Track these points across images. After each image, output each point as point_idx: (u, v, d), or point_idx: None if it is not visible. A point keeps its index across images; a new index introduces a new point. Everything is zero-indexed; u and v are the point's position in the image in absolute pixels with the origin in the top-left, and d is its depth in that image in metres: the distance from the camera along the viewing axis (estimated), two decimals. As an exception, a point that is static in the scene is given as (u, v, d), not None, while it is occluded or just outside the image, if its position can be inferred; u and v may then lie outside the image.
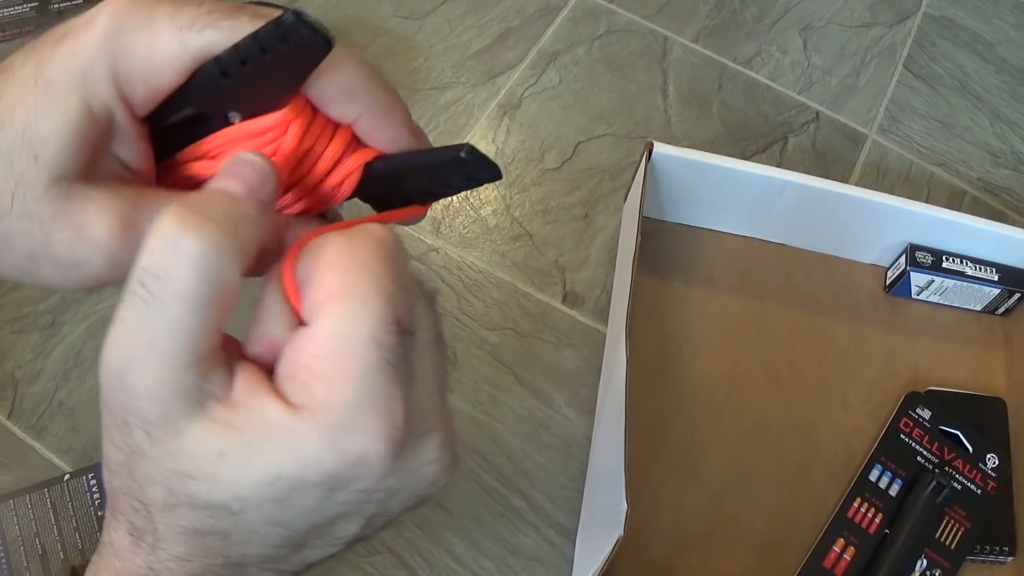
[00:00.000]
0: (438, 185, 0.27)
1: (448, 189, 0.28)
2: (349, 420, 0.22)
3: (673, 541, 0.58)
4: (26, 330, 0.61)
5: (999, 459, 0.62)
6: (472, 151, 0.25)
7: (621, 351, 0.52)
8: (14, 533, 0.54)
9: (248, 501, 0.22)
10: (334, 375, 0.22)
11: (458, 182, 0.27)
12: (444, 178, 0.27)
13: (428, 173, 0.27)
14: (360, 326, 0.22)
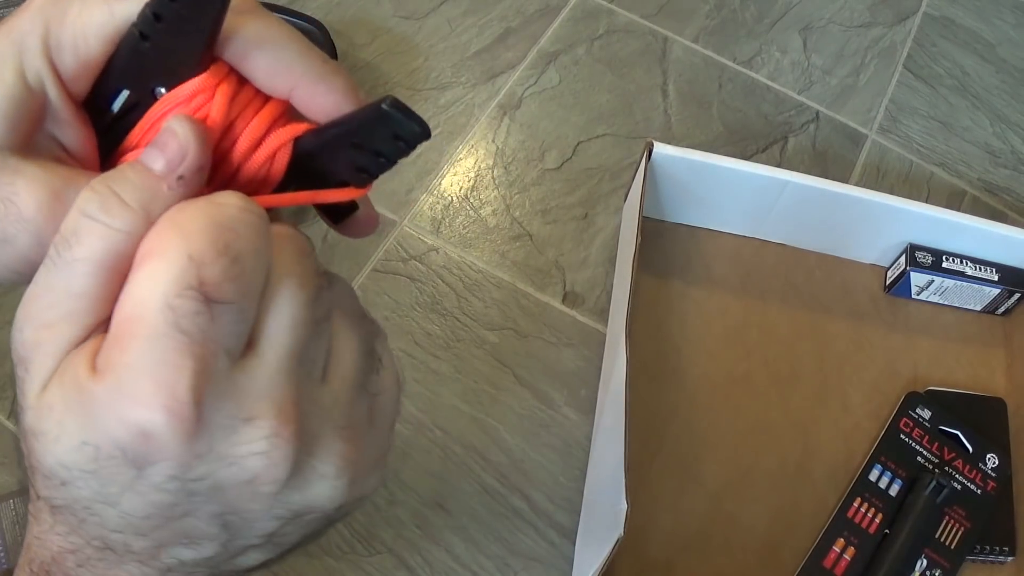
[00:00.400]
0: (368, 154, 0.26)
1: (379, 159, 0.26)
2: (129, 386, 0.21)
3: (673, 541, 0.58)
4: (26, 330, 0.61)
5: (999, 459, 0.62)
6: (395, 102, 0.24)
7: (621, 351, 0.52)
8: (14, 533, 0.54)
9: (71, 470, 0.22)
10: (124, 337, 0.21)
11: (386, 146, 0.25)
12: (372, 142, 0.25)
13: (355, 137, 0.25)
14: (155, 287, 0.21)
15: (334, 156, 0.26)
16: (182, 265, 0.21)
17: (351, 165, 0.26)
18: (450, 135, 0.73)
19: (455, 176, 0.71)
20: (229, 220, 0.22)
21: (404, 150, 0.25)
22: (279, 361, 0.23)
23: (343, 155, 0.26)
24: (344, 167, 0.26)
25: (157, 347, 0.21)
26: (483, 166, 0.72)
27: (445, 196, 0.70)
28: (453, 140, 0.73)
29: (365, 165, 0.26)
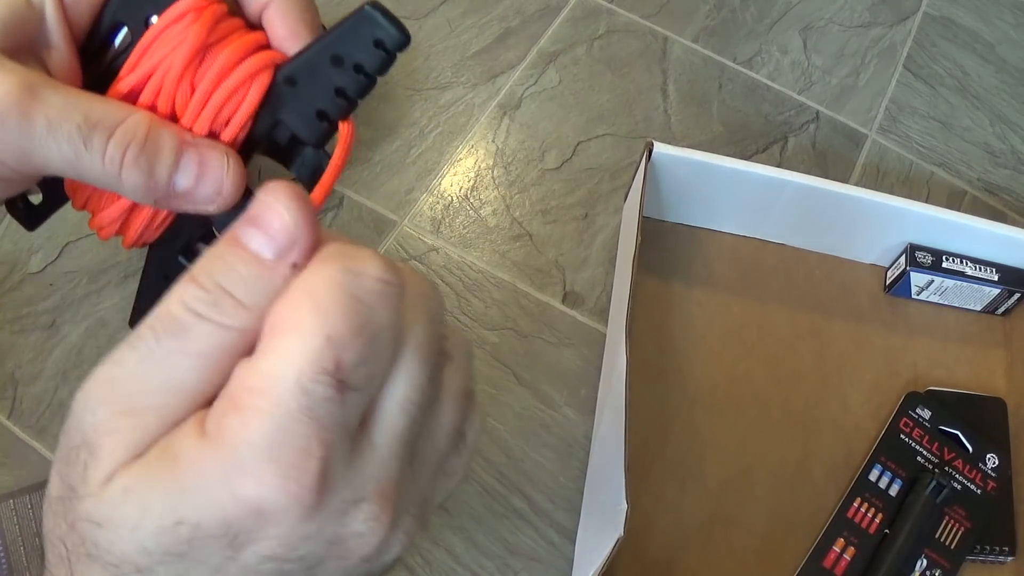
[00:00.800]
0: (348, 72, 0.25)
1: (359, 76, 0.25)
2: (251, 462, 0.19)
3: (673, 541, 0.58)
4: (26, 330, 0.61)
5: (999, 459, 0.62)
6: (376, 3, 0.24)
7: (621, 351, 0.52)
8: (14, 533, 0.54)
9: (153, 554, 0.20)
10: (247, 410, 0.20)
11: (366, 55, 0.25)
12: (352, 50, 0.25)
13: (336, 47, 0.25)
14: (290, 366, 0.20)
15: (314, 77, 0.26)
16: (319, 346, 0.20)
17: (331, 88, 0.26)
18: (450, 135, 0.73)
19: (455, 176, 0.71)
20: (368, 295, 0.20)
21: (385, 61, 0.25)
22: (391, 447, 0.22)
23: (323, 75, 0.26)
24: (323, 92, 0.26)
25: (286, 429, 0.20)
26: (483, 166, 0.72)
27: (445, 196, 0.70)
28: (453, 140, 0.73)
29: (344, 85, 0.26)
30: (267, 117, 0.27)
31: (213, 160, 0.26)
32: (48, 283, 0.63)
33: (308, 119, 0.26)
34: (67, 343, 0.61)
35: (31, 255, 0.64)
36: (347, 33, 0.25)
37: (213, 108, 0.26)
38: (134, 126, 0.25)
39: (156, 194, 0.26)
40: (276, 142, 0.28)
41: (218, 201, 0.27)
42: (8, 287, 0.63)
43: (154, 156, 0.25)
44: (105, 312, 0.62)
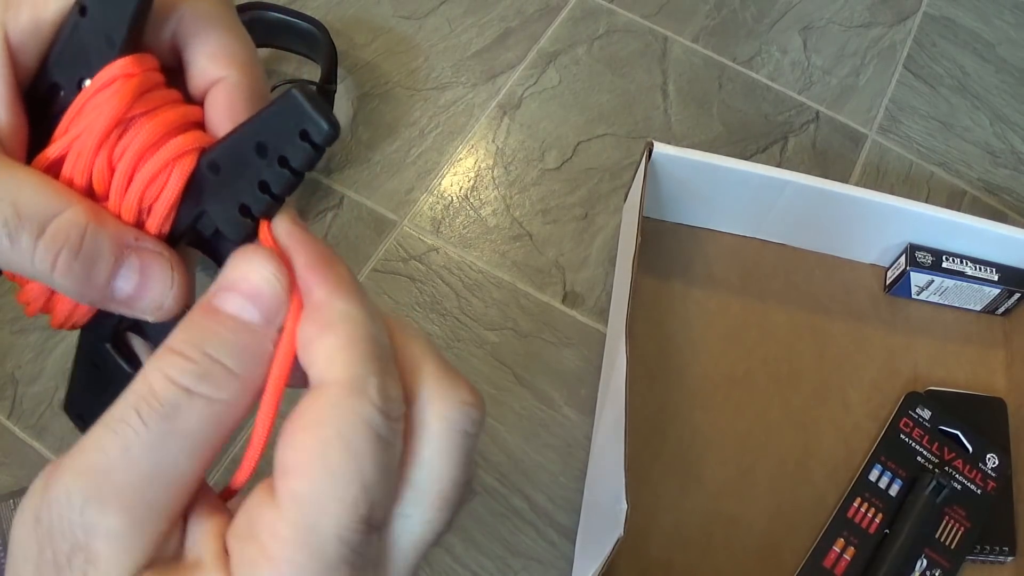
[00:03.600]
0: (272, 164, 0.22)
1: (282, 170, 0.22)
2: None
3: (673, 541, 0.58)
4: (26, 330, 0.61)
5: (999, 459, 0.62)
6: (304, 88, 0.21)
7: (621, 351, 0.52)
8: (14, 533, 0.54)
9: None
10: (285, 563, 0.19)
11: (291, 146, 0.22)
12: (277, 139, 0.22)
13: (260, 133, 0.23)
14: (327, 519, 0.19)
15: (238, 166, 0.23)
16: (356, 496, 0.19)
17: (255, 181, 0.23)
18: (450, 135, 0.73)
19: (455, 176, 0.71)
20: (389, 435, 0.20)
21: (310, 156, 0.22)
22: (405, 571, 0.21)
23: (247, 165, 0.23)
24: (247, 184, 0.23)
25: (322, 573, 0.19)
26: (483, 166, 0.72)
27: (445, 196, 0.70)
28: (453, 140, 0.73)
29: (268, 180, 0.22)
30: (191, 206, 0.24)
31: (157, 269, 0.23)
32: (48, 283, 0.63)
33: (231, 213, 0.23)
34: (67, 343, 0.61)
35: (31, 255, 0.64)
36: (271, 119, 0.22)
37: (135, 193, 0.24)
38: (67, 226, 0.22)
39: (92, 298, 0.23)
40: (201, 234, 0.25)
41: (158, 314, 0.23)
42: (8, 287, 0.63)
43: (90, 262, 0.22)
44: (105, 312, 0.62)
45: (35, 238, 0.22)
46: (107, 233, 0.23)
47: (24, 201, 0.22)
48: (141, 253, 0.23)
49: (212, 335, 0.20)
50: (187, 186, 0.24)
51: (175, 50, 0.25)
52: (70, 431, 0.58)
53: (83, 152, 0.23)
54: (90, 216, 0.22)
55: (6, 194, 0.22)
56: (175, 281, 0.23)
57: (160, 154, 0.23)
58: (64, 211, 0.22)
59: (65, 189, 0.23)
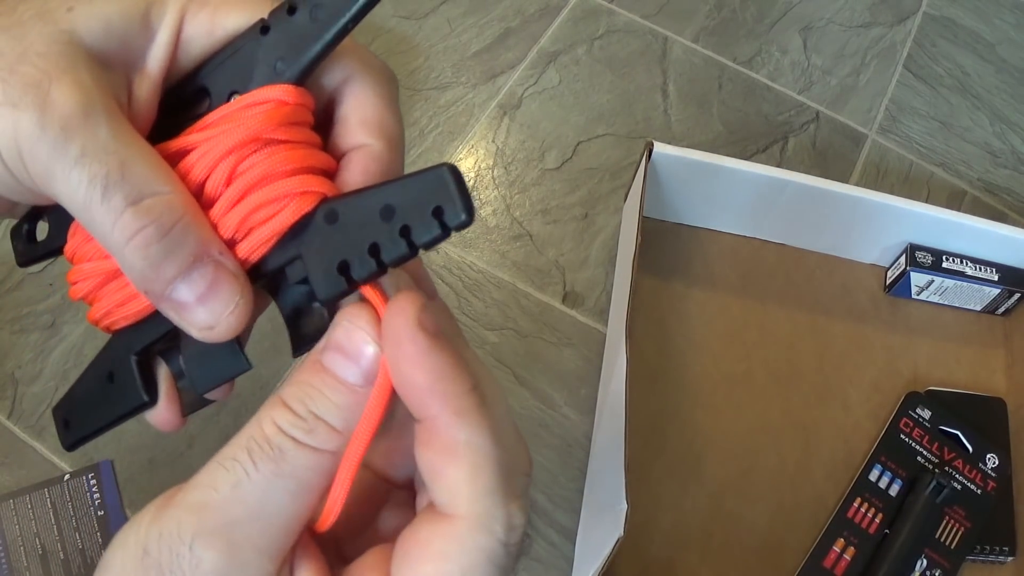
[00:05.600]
0: (393, 231, 0.21)
1: (402, 240, 0.21)
2: None
3: (673, 541, 0.58)
4: (26, 330, 0.61)
5: (999, 459, 0.62)
6: (455, 169, 0.21)
7: (621, 351, 0.52)
8: (14, 533, 0.54)
9: None
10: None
11: (421, 220, 0.21)
12: (408, 208, 0.21)
13: (393, 196, 0.22)
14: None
15: (355, 222, 0.22)
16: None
17: (366, 241, 0.22)
18: (450, 135, 0.73)
19: (455, 176, 0.71)
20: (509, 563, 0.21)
21: (436, 236, 0.21)
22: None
23: (365, 224, 0.22)
24: (357, 243, 0.22)
25: None
26: (483, 166, 0.72)
27: (445, 196, 0.70)
28: (453, 140, 0.73)
29: (382, 243, 0.21)
30: (289, 246, 0.23)
31: (226, 290, 0.23)
32: (48, 283, 0.63)
33: (329, 267, 0.22)
34: (67, 343, 0.61)
35: (31, 255, 0.64)
36: (411, 187, 0.21)
37: (243, 211, 0.23)
38: (164, 208, 0.22)
39: (150, 287, 0.23)
40: (284, 276, 0.24)
41: (205, 333, 0.23)
42: (8, 287, 0.63)
43: (168, 250, 0.22)
44: (105, 312, 0.62)
45: (128, 203, 0.21)
46: (197, 233, 0.22)
47: (134, 167, 0.22)
48: (219, 268, 0.23)
49: (319, 395, 0.22)
50: (295, 225, 0.23)
51: (330, 101, 0.25)
52: (70, 431, 0.58)
53: (211, 152, 0.23)
54: (188, 209, 0.22)
55: (117, 151, 0.22)
56: (238, 308, 0.23)
57: (283, 183, 0.23)
58: (167, 193, 0.22)
59: (176, 178, 0.23)
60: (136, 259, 0.22)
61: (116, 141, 0.22)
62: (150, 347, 0.26)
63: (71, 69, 0.22)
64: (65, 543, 0.54)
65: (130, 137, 0.22)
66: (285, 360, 0.61)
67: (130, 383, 0.26)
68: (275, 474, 0.21)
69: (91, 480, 0.55)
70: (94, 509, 0.55)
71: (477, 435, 0.21)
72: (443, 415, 0.21)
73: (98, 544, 0.54)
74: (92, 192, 0.21)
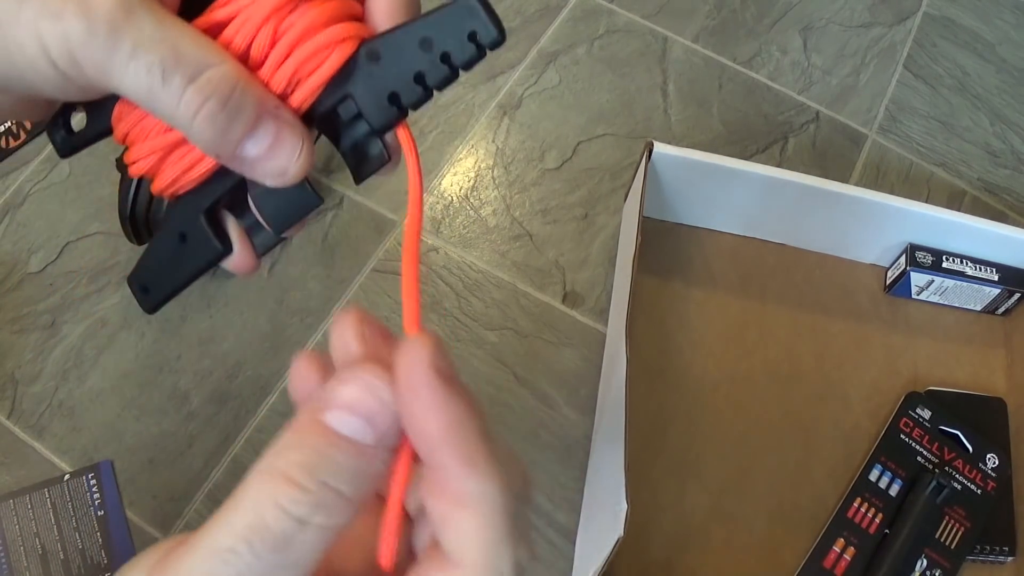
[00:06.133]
0: (433, 58, 0.24)
1: (443, 65, 0.24)
2: None
3: (673, 541, 0.58)
4: (26, 330, 0.61)
5: (999, 459, 0.62)
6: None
7: (621, 351, 0.52)
8: (14, 533, 0.54)
9: None
10: None
11: (457, 45, 0.24)
12: (444, 36, 0.24)
13: (428, 29, 0.24)
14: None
15: (398, 57, 0.25)
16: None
17: (411, 72, 0.24)
18: (450, 135, 0.73)
19: (455, 176, 0.71)
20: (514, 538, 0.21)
21: (474, 56, 0.24)
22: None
23: (407, 57, 0.24)
24: (403, 74, 0.25)
25: None
26: (483, 166, 0.72)
27: (445, 196, 0.70)
28: (453, 140, 0.73)
29: (426, 71, 0.24)
30: (338, 88, 0.26)
31: (289, 139, 0.25)
32: (48, 283, 0.63)
33: (379, 100, 0.25)
34: (67, 343, 0.61)
35: (31, 255, 0.64)
36: (443, 19, 0.24)
37: (291, 66, 0.25)
38: (220, 78, 0.24)
39: (220, 151, 0.25)
40: (337, 116, 0.26)
41: (278, 180, 0.25)
42: (8, 287, 0.63)
43: (232, 116, 0.24)
44: (105, 312, 0.62)
45: (187, 82, 0.23)
46: (254, 94, 0.24)
47: (184, 47, 0.23)
48: (278, 120, 0.25)
49: (328, 461, 0.20)
50: (341, 69, 0.25)
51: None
52: (70, 431, 0.58)
53: (250, 20, 0.25)
54: (241, 75, 0.24)
55: (166, 38, 0.23)
56: (303, 152, 0.25)
57: (324, 34, 0.25)
58: (220, 65, 0.24)
59: (221, 48, 0.25)
60: (205, 129, 0.24)
61: (161, 29, 0.23)
62: (216, 203, 0.28)
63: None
64: (65, 543, 0.54)
65: (172, 22, 0.24)
66: (285, 360, 0.61)
67: (204, 239, 0.28)
68: (279, 564, 0.20)
69: (91, 480, 0.56)
70: (94, 509, 0.55)
71: (487, 486, 0.21)
72: (454, 466, 0.20)
73: (98, 544, 0.54)
74: (153, 80, 0.23)
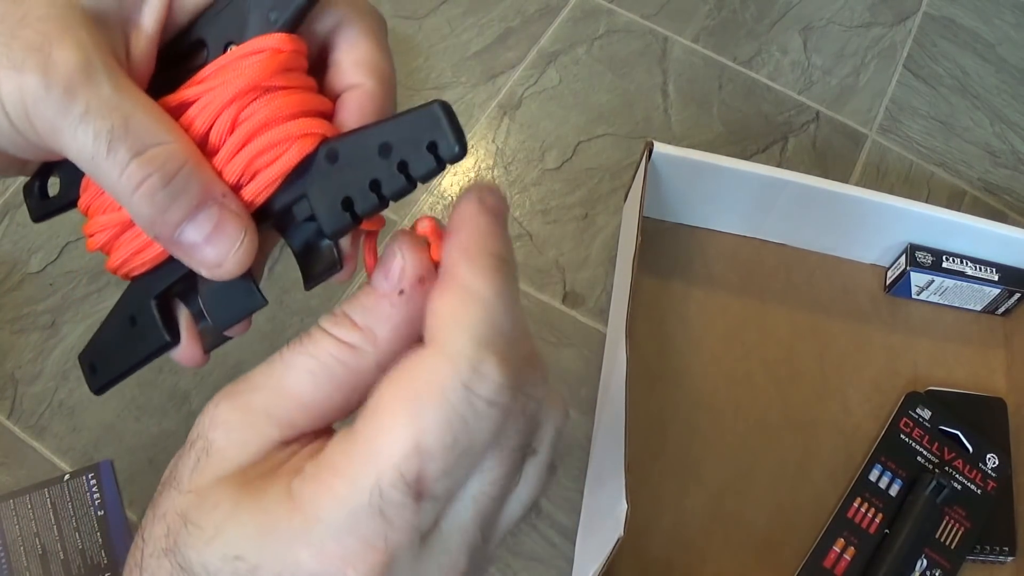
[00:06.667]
0: (391, 167, 0.23)
1: (400, 175, 0.23)
2: (317, 538, 0.20)
3: (673, 541, 0.58)
4: (26, 330, 0.61)
5: (999, 459, 0.62)
6: (446, 105, 0.22)
7: (621, 351, 0.52)
8: (14, 533, 0.54)
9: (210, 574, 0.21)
10: (328, 489, 0.21)
11: (416, 155, 0.22)
12: (404, 144, 0.23)
13: (388, 135, 0.23)
14: (371, 465, 0.20)
15: (355, 160, 0.24)
16: (405, 454, 0.20)
17: (367, 178, 0.23)
18: (450, 135, 0.73)
19: (455, 176, 0.71)
20: (472, 415, 0.21)
21: (432, 169, 0.22)
22: (462, 539, 0.22)
23: (365, 161, 0.23)
24: (359, 180, 0.24)
25: (357, 519, 0.20)
26: (483, 166, 0.72)
27: (445, 196, 0.70)
28: (453, 140, 0.73)
29: (382, 179, 0.23)
30: (294, 186, 0.25)
31: (230, 229, 0.24)
32: (48, 283, 0.63)
33: (333, 204, 0.24)
34: (67, 343, 0.61)
35: (31, 255, 0.64)
36: (406, 125, 0.23)
37: (246, 156, 0.24)
38: (166, 156, 0.23)
39: (158, 231, 0.24)
40: (291, 215, 0.25)
41: (215, 271, 0.25)
42: (8, 287, 0.63)
43: (173, 196, 0.23)
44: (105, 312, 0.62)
45: (132, 155, 0.23)
46: (201, 178, 0.24)
47: (136, 119, 0.23)
48: (223, 209, 0.24)
49: (353, 300, 0.24)
50: (298, 166, 0.24)
51: (323, 46, 0.27)
52: (70, 431, 0.58)
53: (212, 104, 0.24)
54: (191, 156, 0.24)
55: (119, 107, 0.23)
56: (243, 245, 0.25)
57: (284, 127, 0.24)
58: (169, 143, 0.24)
59: (177, 127, 0.24)
60: (143, 206, 0.23)
61: (118, 96, 0.23)
62: (168, 290, 0.27)
63: (70, 30, 0.23)
64: (65, 543, 0.54)
65: (131, 92, 0.23)
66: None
67: (152, 325, 0.27)
68: (299, 352, 0.23)
69: (91, 480, 0.56)
70: (94, 509, 0.55)
71: (480, 282, 0.22)
72: (460, 263, 0.22)
73: (98, 544, 0.54)
74: (98, 146, 0.23)
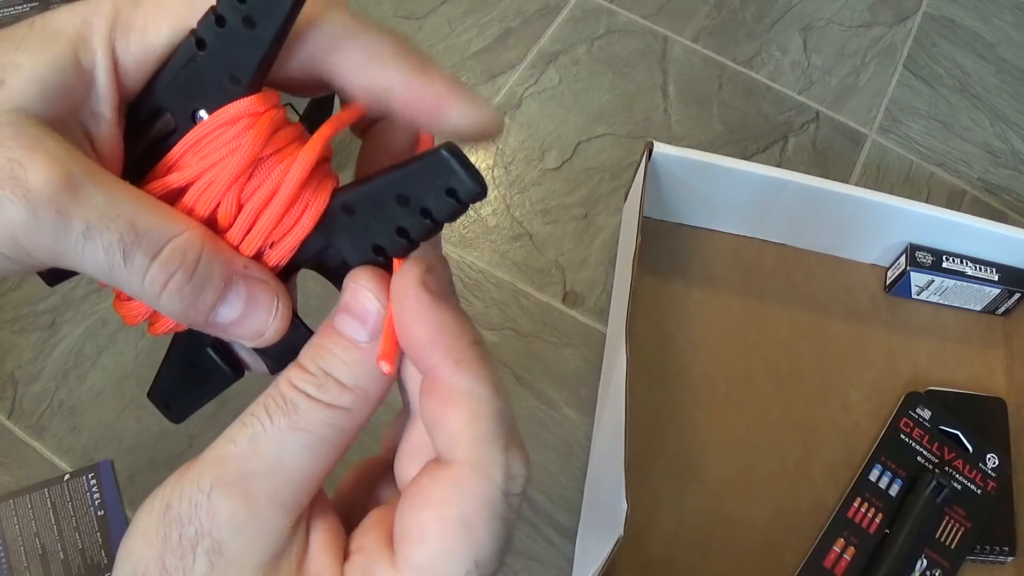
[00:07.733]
0: (413, 213, 0.23)
1: (424, 220, 0.23)
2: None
3: (673, 541, 0.58)
4: (26, 330, 0.61)
5: (999, 459, 0.62)
6: (454, 147, 0.22)
7: (621, 351, 0.52)
8: (14, 533, 0.54)
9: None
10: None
11: (436, 201, 0.23)
12: (421, 193, 0.23)
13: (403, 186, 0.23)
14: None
15: (375, 211, 0.23)
16: (466, 572, 0.21)
17: (392, 226, 0.23)
18: (450, 135, 0.73)
19: (455, 176, 0.71)
20: (509, 514, 0.22)
21: (454, 210, 0.23)
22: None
23: (386, 212, 0.23)
24: (384, 228, 0.23)
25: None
26: (483, 166, 0.72)
27: (445, 196, 0.70)
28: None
29: (408, 226, 0.23)
30: (318, 240, 0.24)
31: (263, 299, 0.24)
32: (48, 283, 0.63)
33: (364, 251, 0.24)
34: (67, 343, 0.61)
35: (31, 255, 0.64)
36: (418, 174, 0.22)
37: (262, 231, 0.24)
38: (184, 248, 0.22)
39: (192, 321, 0.23)
40: (325, 262, 0.25)
41: (258, 341, 0.24)
42: (8, 287, 0.63)
43: (200, 286, 0.22)
44: (105, 312, 0.62)
45: (150, 258, 0.22)
46: (221, 257, 0.23)
47: (142, 220, 0.21)
48: (249, 281, 0.23)
49: (328, 354, 0.23)
50: (317, 224, 0.24)
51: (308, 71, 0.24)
52: (70, 431, 0.58)
53: (212, 187, 0.23)
54: (206, 238, 0.23)
55: (121, 212, 0.21)
56: (279, 312, 0.24)
57: (293, 193, 0.24)
58: (181, 233, 0.22)
59: (180, 214, 0.23)
60: (174, 304, 0.22)
61: (114, 202, 0.21)
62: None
63: (37, 146, 0.21)
64: (65, 543, 0.54)
65: (123, 191, 0.22)
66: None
67: (214, 368, 0.27)
68: (290, 427, 0.22)
69: (91, 480, 0.56)
70: (94, 509, 0.55)
71: (477, 384, 0.22)
72: (444, 365, 0.22)
73: (98, 544, 0.54)
74: (113, 259, 0.21)
